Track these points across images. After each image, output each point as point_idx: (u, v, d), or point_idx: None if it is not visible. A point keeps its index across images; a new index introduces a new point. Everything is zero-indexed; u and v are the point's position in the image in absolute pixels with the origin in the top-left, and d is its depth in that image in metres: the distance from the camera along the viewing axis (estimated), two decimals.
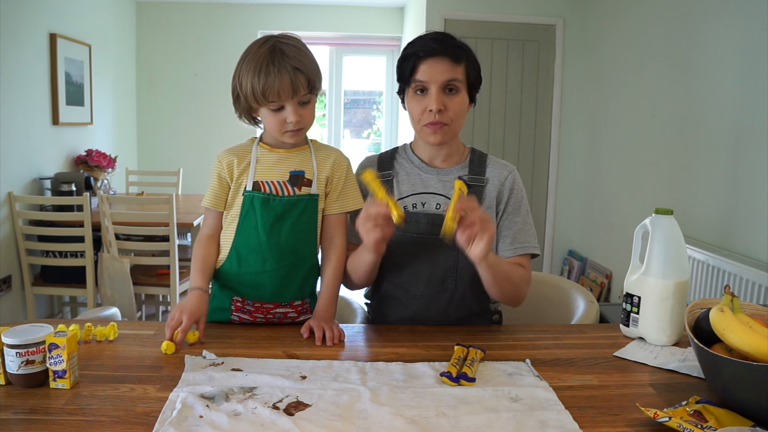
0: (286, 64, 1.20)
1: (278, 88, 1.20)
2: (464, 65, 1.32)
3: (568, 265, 4.19)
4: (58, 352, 0.96)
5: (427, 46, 1.31)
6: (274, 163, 1.32)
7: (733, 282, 2.25)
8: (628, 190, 3.40)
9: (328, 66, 5.33)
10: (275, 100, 1.22)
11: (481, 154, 1.43)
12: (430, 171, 1.40)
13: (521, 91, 4.17)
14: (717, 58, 2.57)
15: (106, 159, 3.88)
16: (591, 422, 0.90)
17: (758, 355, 0.91)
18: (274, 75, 1.19)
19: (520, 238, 1.36)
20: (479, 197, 1.35)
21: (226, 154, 1.33)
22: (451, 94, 1.31)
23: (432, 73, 1.30)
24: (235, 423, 0.87)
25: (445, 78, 1.29)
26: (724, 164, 2.51)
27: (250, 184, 1.30)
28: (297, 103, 1.23)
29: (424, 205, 1.36)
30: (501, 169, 1.40)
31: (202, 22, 4.97)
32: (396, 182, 1.40)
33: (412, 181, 1.39)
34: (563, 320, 1.59)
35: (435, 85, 1.30)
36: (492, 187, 1.37)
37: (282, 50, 1.21)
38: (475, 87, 1.37)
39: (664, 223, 1.24)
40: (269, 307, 1.33)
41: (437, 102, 1.29)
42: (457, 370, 1.04)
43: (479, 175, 1.38)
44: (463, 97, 1.33)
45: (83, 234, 3.08)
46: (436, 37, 1.33)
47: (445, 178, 1.38)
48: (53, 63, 3.60)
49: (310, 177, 1.32)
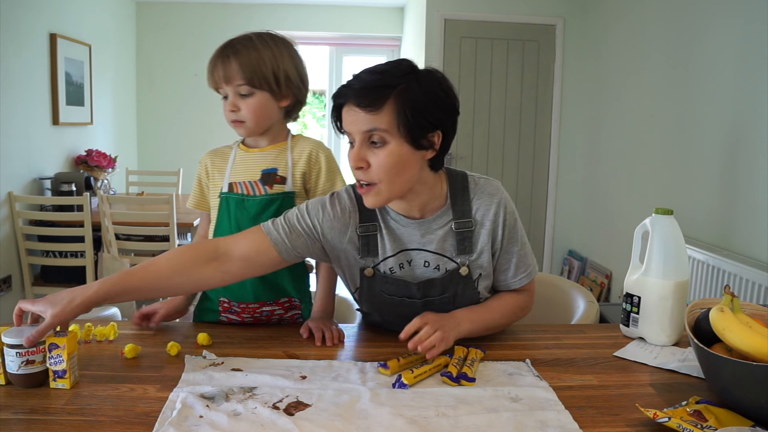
0: (226, 52, 1.24)
1: (214, 72, 1.25)
2: (391, 108, 1.05)
3: (568, 265, 4.19)
4: (58, 352, 0.96)
5: (339, 91, 1.10)
6: (249, 163, 1.32)
7: (733, 282, 2.25)
8: (628, 190, 3.40)
9: (328, 66, 5.33)
10: (212, 86, 1.27)
11: (462, 186, 1.21)
12: (410, 224, 1.19)
13: (521, 91, 4.17)
14: (717, 58, 2.57)
15: (106, 159, 3.89)
16: (591, 422, 0.90)
17: (758, 355, 0.91)
18: (213, 60, 1.25)
19: (521, 267, 1.24)
20: (470, 243, 1.19)
21: (205, 155, 1.38)
22: (375, 148, 1.07)
23: (348, 123, 1.09)
24: (235, 423, 0.87)
25: (362, 129, 1.07)
26: (724, 164, 2.51)
27: (226, 186, 1.31)
28: (235, 93, 1.25)
29: (411, 263, 1.20)
30: (488, 204, 1.20)
31: (202, 22, 4.97)
32: (380, 239, 1.20)
33: (393, 237, 1.20)
34: (563, 320, 1.59)
35: (357, 136, 1.08)
36: (483, 231, 1.20)
37: (234, 40, 1.26)
38: (422, 128, 1.07)
39: (664, 223, 1.24)
40: (254, 307, 1.33)
41: (354, 158, 1.09)
42: (457, 370, 1.04)
43: (465, 218, 1.19)
44: (391, 150, 1.06)
45: (83, 234, 3.08)
46: (356, 77, 1.10)
47: (429, 230, 1.19)
48: (53, 63, 3.60)
49: (283, 174, 1.31)
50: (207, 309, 1.37)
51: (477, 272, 1.21)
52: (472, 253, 1.20)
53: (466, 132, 4.11)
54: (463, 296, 1.21)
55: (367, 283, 1.22)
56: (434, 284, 1.20)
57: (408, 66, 1.09)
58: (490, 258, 1.22)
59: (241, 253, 1.15)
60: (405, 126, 1.05)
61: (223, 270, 1.14)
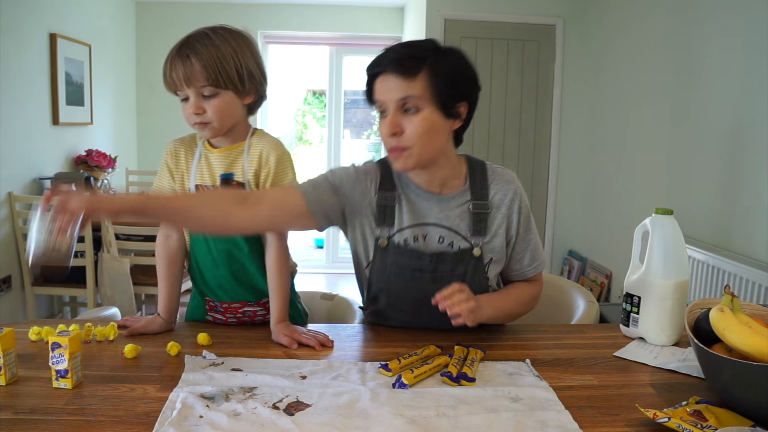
0: (184, 51, 1.17)
1: (172, 74, 1.18)
2: (424, 77, 1.13)
3: (568, 265, 4.19)
4: (61, 352, 0.96)
5: (374, 62, 1.17)
6: (211, 165, 1.28)
7: (733, 282, 2.25)
8: (628, 190, 3.40)
9: (328, 66, 5.33)
10: (171, 89, 1.20)
11: (481, 170, 1.29)
12: (430, 198, 1.25)
13: (521, 91, 4.16)
14: (717, 58, 2.57)
15: (106, 159, 3.89)
16: (591, 422, 0.90)
17: (758, 355, 0.91)
18: (170, 61, 1.19)
19: (536, 256, 1.32)
20: (485, 225, 1.24)
21: (170, 143, 1.32)
22: (409, 114, 1.14)
23: (384, 92, 1.15)
24: (235, 423, 0.87)
25: (397, 96, 1.13)
26: (723, 164, 2.51)
27: (192, 188, 1.28)
28: (198, 94, 1.19)
29: (426, 237, 1.24)
30: (505, 189, 1.27)
31: (202, 22, 4.87)
32: (398, 209, 1.25)
33: (413, 209, 1.25)
34: (563, 320, 1.59)
35: (392, 104, 1.14)
36: (499, 215, 1.26)
37: (191, 38, 1.19)
38: (453, 97, 1.16)
39: (664, 223, 1.24)
40: (237, 307, 1.33)
41: (389, 125, 1.14)
42: (457, 370, 1.04)
43: (483, 200, 1.25)
44: (425, 116, 1.14)
45: (83, 234, 3.08)
46: (389, 49, 1.17)
47: (447, 207, 1.25)
48: (53, 63, 3.60)
49: (240, 179, 1.26)
50: (196, 307, 1.37)
51: (489, 256, 1.25)
52: (485, 236, 1.25)
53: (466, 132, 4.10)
54: (473, 279, 1.23)
55: (380, 255, 1.25)
56: (446, 259, 1.22)
57: (435, 43, 1.19)
58: (503, 243, 1.27)
59: (269, 197, 1.20)
60: (437, 94, 1.14)
61: (252, 212, 1.15)
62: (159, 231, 1.33)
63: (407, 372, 1.02)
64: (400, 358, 1.08)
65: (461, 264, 1.23)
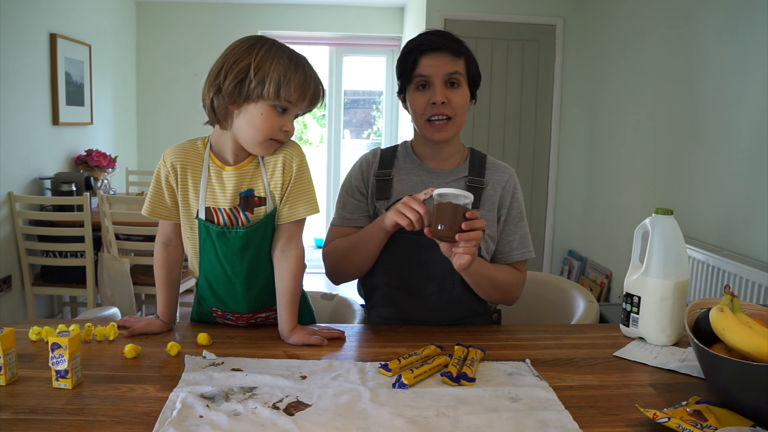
0: (316, 75, 1.16)
1: (304, 88, 1.12)
2: (464, 60, 1.34)
3: (568, 265, 4.19)
4: (60, 352, 0.95)
5: (427, 41, 1.33)
6: (224, 183, 1.19)
7: (733, 282, 2.25)
8: (628, 190, 3.40)
9: (328, 66, 5.33)
10: (292, 100, 1.11)
11: (481, 155, 1.43)
12: (431, 172, 1.39)
13: (521, 91, 4.16)
14: (716, 58, 2.57)
15: (106, 159, 3.89)
16: (591, 422, 0.90)
17: (758, 355, 0.91)
18: (308, 77, 1.13)
19: (525, 243, 1.39)
20: (478, 200, 1.35)
21: (169, 154, 1.21)
22: (453, 88, 1.32)
23: (433, 66, 1.31)
24: (235, 423, 0.87)
25: (447, 71, 1.31)
26: (724, 164, 2.51)
27: (203, 210, 1.18)
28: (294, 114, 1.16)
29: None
30: (501, 172, 1.40)
31: (202, 22, 4.96)
32: (395, 182, 1.39)
33: (412, 182, 1.38)
34: (563, 320, 1.59)
35: (438, 78, 1.31)
36: (492, 191, 1.38)
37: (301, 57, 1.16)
38: (476, 83, 1.38)
39: (664, 223, 1.24)
40: (248, 316, 1.30)
41: (440, 94, 1.30)
42: (457, 370, 1.04)
43: (479, 177, 1.38)
44: (465, 91, 1.34)
45: (83, 234, 3.08)
46: (436, 33, 1.36)
47: (446, 180, 1.37)
48: (53, 63, 3.60)
49: (260, 194, 1.19)
50: (202, 313, 1.33)
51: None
52: (478, 209, 1.35)
53: (466, 132, 4.11)
54: None
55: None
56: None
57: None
58: (494, 220, 1.37)
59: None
60: (471, 76, 1.36)
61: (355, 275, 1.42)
62: (157, 238, 1.29)
63: (407, 372, 1.02)
64: (400, 358, 1.08)
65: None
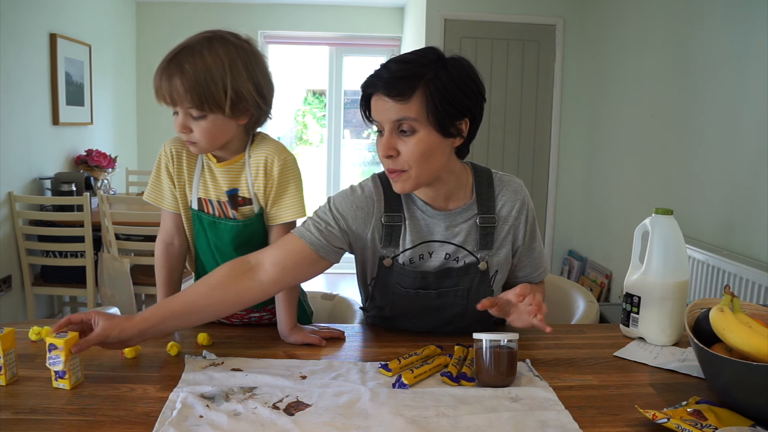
0: (171, 69, 1.09)
1: (160, 90, 1.10)
2: (420, 97, 1.06)
3: (568, 265, 4.19)
4: (57, 353, 0.95)
5: (369, 81, 1.11)
6: (215, 178, 1.22)
7: (733, 282, 2.25)
8: (628, 190, 3.40)
9: (328, 66, 5.33)
10: (161, 102, 1.12)
11: (487, 180, 1.23)
12: (436, 215, 1.20)
13: (521, 91, 4.16)
14: (716, 58, 2.57)
15: (106, 159, 3.89)
16: (591, 422, 0.90)
17: (758, 355, 0.91)
18: (158, 76, 1.10)
19: (539, 263, 1.31)
20: (491, 239, 1.22)
21: (169, 143, 1.23)
22: (405, 137, 1.09)
23: (379, 112, 1.10)
24: (235, 423, 0.87)
25: (392, 118, 1.08)
26: (724, 164, 2.51)
27: (195, 201, 1.23)
28: (185, 114, 1.11)
29: (431, 254, 1.21)
30: (513, 200, 1.23)
31: (202, 22, 4.92)
32: (404, 229, 1.21)
33: (418, 227, 1.21)
34: (563, 320, 1.59)
35: (387, 125, 1.09)
36: (505, 227, 1.23)
37: (183, 50, 1.10)
38: (451, 116, 1.09)
39: (664, 223, 1.24)
40: (242, 314, 1.32)
41: (384, 147, 1.10)
42: (457, 370, 1.04)
43: (490, 213, 1.21)
44: (421, 138, 1.08)
45: (83, 234, 3.08)
46: (385, 66, 1.11)
47: (454, 223, 1.21)
48: (53, 63, 3.60)
49: (245, 194, 1.21)
50: None
51: (494, 269, 1.24)
52: (491, 249, 1.22)
53: None
54: (478, 292, 1.22)
55: (384, 274, 1.23)
56: (451, 274, 1.21)
57: (435, 54, 1.10)
58: (509, 254, 1.25)
59: (271, 259, 1.13)
60: (434, 114, 1.07)
61: (259, 279, 1.11)
62: (158, 238, 1.29)
63: (407, 372, 1.02)
64: (400, 358, 1.08)
65: (466, 278, 1.22)
